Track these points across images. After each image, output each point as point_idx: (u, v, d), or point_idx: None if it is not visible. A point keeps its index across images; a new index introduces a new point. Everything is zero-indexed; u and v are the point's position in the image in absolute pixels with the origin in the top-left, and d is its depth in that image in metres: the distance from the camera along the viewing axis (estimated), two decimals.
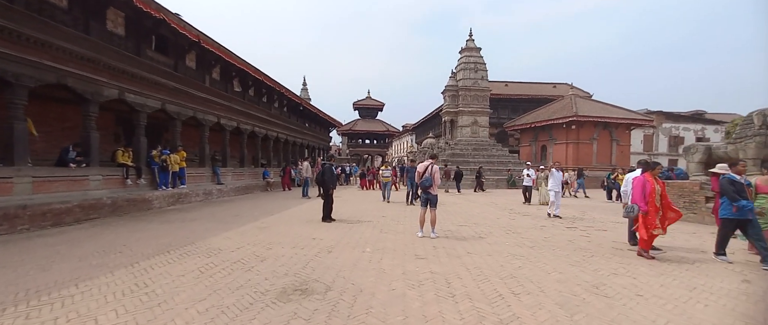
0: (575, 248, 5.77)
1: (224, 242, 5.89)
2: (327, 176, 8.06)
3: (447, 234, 6.80)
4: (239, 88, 17.38)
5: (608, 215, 9.93)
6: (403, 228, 7.40)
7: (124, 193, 9.38)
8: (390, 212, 10.10)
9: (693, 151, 8.69)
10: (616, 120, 24.46)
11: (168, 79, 11.56)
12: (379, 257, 5.05)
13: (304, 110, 27.52)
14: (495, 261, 4.87)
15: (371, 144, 45.99)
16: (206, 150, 14.07)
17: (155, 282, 3.82)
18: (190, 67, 13.39)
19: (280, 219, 8.54)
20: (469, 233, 7.02)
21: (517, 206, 12.01)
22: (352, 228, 7.32)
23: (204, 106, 13.79)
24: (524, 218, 9.32)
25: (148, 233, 6.57)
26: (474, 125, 26.58)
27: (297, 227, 7.38)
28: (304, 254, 5.13)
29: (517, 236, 6.69)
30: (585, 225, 8.13)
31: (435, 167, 6.56)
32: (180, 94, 12.23)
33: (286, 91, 20.65)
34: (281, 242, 5.95)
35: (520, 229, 7.54)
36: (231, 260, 4.78)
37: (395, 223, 8.09)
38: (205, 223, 7.84)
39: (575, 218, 9.44)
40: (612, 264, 4.81)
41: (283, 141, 23.32)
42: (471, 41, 26.81)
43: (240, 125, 16.80)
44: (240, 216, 8.90)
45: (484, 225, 7.95)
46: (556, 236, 6.81)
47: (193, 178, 13.04)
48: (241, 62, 14.92)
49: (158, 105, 11.27)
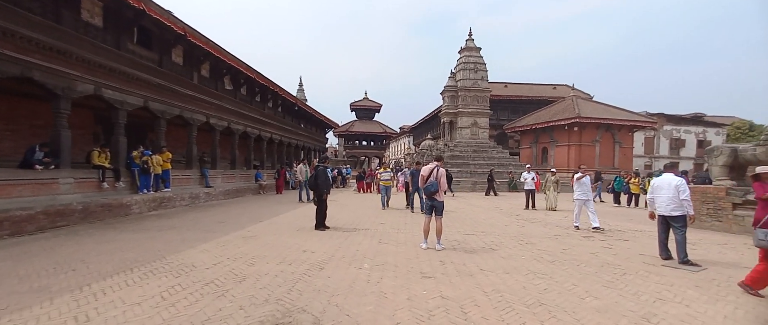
0: (602, 263, 5.07)
1: (200, 256, 5.14)
2: (320, 180, 7.33)
3: (454, 245, 6.08)
4: (230, 86, 16.60)
5: (623, 222, 9.27)
6: (405, 238, 6.67)
7: (99, 197, 8.58)
8: (389, 218, 9.38)
9: (717, 153, 8.04)
10: (620, 122, 23.93)
11: (151, 74, 10.79)
12: (379, 275, 4.32)
13: (299, 110, 26.77)
14: (515, 281, 4.15)
15: (368, 146, 45.26)
16: (194, 151, 13.27)
17: (100, 315, 3.06)
18: (176, 63, 12.61)
19: (269, 227, 7.78)
20: (478, 243, 6.31)
21: (523, 212, 11.33)
22: (348, 238, 6.59)
23: (192, 105, 13.00)
24: (534, 225, 8.63)
25: (116, 244, 5.79)
26: (474, 127, 25.93)
27: (287, 237, 6.63)
28: (291, 272, 4.39)
29: (532, 248, 5.99)
30: (603, 235, 7.45)
31: (441, 170, 5.86)
32: (165, 92, 11.45)
33: (280, 90, 19.91)
34: (267, 255, 5.21)
35: (533, 238, 6.84)
36: (203, 280, 4.03)
37: (395, 231, 7.37)
38: (185, 231, 7.07)
39: (589, 225, 8.76)
40: (651, 285, 4.11)
41: (277, 142, 22.54)
42: (471, 41, 26.20)
43: (231, 125, 16.02)
44: (225, 223, 8.14)
45: (493, 234, 7.25)
46: (575, 247, 6.11)
47: (179, 180, 12.25)
48: (232, 59, 14.17)
49: (140, 102, 10.49)
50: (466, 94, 25.51)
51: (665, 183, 5.05)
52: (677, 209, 4.88)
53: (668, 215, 4.97)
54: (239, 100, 16.97)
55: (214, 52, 12.79)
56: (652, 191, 5.32)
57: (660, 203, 5.08)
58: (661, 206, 5.07)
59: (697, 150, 34.71)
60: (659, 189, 5.13)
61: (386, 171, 12.18)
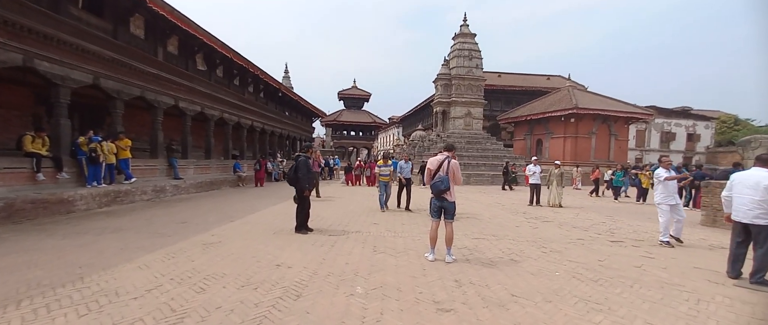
0: (658, 282, 4.00)
1: (134, 275, 3.82)
2: (301, 173, 6.03)
3: (465, 254, 4.94)
4: (204, 66, 14.92)
5: (638, 221, 8.33)
6: (405, 244, 5.49)
7: (31, 192, 7.05)
8: (383, 217, 8.19)
9: (754, 145, 7.13)
10: (617, 113, 23.24)
11: (103, 46, 9.14)
12: (378, 307, 3.12)
13: (283, 97, 25.10)
14: (565, 317, 3.02)
15: (357, 136, 43.80)
16: (159, 138, 11.69)
17: None
18: (136, 36, 10.94)
19: (240, 228, 6.47)
20: (494, 251, 5.18)
21: (526, 208, 10.31)
22: (335, 245, 5.35)
23: (156, 85, 11.37)
24: (547, 225, 7.58)
25: (29, 256, 4.40)
26: (467, 117, 24.85)
27: (259, 243, 5.34)
28: (255, 303, 3.14)
29: (560, 258, 4.89)
30: (631, 238, 6.44)
31: (453, 162, 4.66)
32: (121, 68, 9.82)
33: (262, 73, 18.27)
34: (227, 273, 3.93)
35: (554, 244, 5.77)
36: (119, 321, 2.74)
37: (392, 235, 6.17)
38: (131, 236, 5.69)
39: (608, 225, 7.77)
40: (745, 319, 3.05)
41: (259, 130, 20.95)
42: (465, 27, 24.91)
43: (205, 110, 14.40)
44: (187, 224, 6.77)
45: (507, 238, 6.14)
46: (612, 257, 5.05)
47: (142, 171, 10.72)
48: (205, 35, 12.52)
49: (88, 79, 8.87)
50: (460, 83, 24.34)
51: (751, 181, 3.97)
52: (765, 217, 3.81)
53: (751, 222, 3.90)
54: (215, 83, 15.31)
55: (181, 25, 11.14)
56: (730, 189, 4.23)
57: (740, 207, 4.01)
58: (740, 211, 4.01)
59: (686, 143, 34.73)
60: (741, 187, 4.03)
61: (386, 164, 9.38)
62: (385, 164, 9.36)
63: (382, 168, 9.35)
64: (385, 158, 9.49)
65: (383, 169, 9.32)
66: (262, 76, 18.58)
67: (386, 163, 9.37)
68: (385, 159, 9.46)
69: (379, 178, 9.35)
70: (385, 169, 9.30)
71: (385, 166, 9.33)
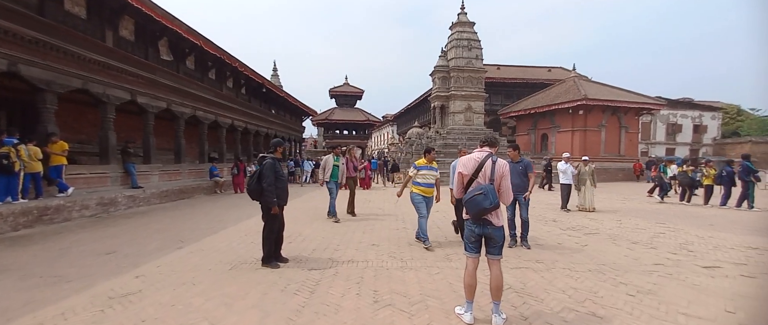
0: None
1: None
2: (267, 181, 4.22)
3: (515, 303, 3.18)
4: (170, 56, 12.95)
5: (699, 228, 6.64)
6: (420, 286, 3.70)
7: None
8: (383, 234, 6.39)
9: None
10: (627, 104, 21.70)
11: (22, 24, 7.19)
12: None
13: (269, 94, 23.12)
14: None
15: (350, 135, 41.87)
16: (111, 140, 9.71)
17: None
18: (74, 15, 8.98)
19: (185, 261, 4.62)
20: (554, 294, 3.42)
21: (557, 213, 8.61)
22: (316, 291, 3.55)
23: (103, 77, 9.40)
24: (594, 239, 5.86)
25: None
26: (468, 111, 23.14)
27: (199, 292, 3.50)
28: None
29: (658, 304, 3.16)
30: (722, 259, 4.74)
31: (500, 163, 2.90)
32: (50, 52, 7.86)
33: (242, 66, 16.30)
34: None
35: (627, 274, 4.04)
36: None
37: (399, 267, 4.38)
38: (12, 282, 3.80)
39: (673, 238, 6.07)
40: None
41: (241, 130, 18.97)
42: (464, 15, 23.19)
43: (172, 107, 12.43)
44: (114, 255, 4.90)
45: (557, 265, 4.39)
46: (736, 299, 3.32)
47: (87, 180, 8.80)
48: (166, 17, 10.56)
49: (2, 65, 6.92)
50: (459, 75, 22.63)
51: None
52: None
53: None
54: (184, 76, 13.34)
55: (134, 3, 9.18)
56: None
57: None
58: None
59: (693, 135, 33.48)
60: None
61: (431, 166, 5.43)
62: (429, 166, 5.42)
63: (423, 172, 5.36)
64: (427, 153, 5.51)
65: (427, 174, 5.35)
66: (242, 69, 16.61)
67: (430, 164, 5.44)
68: (428, 155, 5.49)
69: (414, 190, 5.41)
70: (429, 174, 5.36)
71: (429, 169, 5.40)
